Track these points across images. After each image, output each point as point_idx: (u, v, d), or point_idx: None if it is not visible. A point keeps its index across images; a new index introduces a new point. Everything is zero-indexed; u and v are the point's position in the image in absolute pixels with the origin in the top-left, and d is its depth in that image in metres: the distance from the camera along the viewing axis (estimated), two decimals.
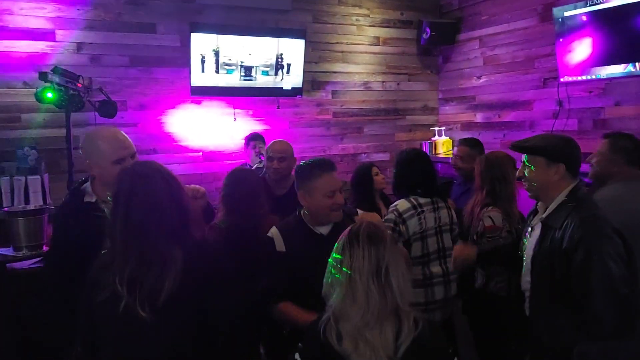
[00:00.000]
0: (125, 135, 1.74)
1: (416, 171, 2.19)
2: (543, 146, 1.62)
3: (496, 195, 2.24)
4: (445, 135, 4.37)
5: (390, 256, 1.19)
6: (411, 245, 2.09)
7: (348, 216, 1.76)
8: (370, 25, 4.26)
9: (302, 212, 1.74)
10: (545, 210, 1.64)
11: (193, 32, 3.44)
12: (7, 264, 2.57)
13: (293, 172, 2.02)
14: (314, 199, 1.65)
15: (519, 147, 1.68)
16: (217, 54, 3.51)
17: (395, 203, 2.14)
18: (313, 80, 4.06)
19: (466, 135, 4.33)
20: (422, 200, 2.14)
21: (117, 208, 1.24)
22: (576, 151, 1.63)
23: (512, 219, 2.23)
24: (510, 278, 2.13)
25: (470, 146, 2.94)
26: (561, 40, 3.42)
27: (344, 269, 1.18)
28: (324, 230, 1.71)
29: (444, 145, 4.30)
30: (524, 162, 1.68)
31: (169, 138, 3.62)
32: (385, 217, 2.13)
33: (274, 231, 1.70)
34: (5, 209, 2.79)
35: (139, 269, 1.20)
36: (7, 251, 2.65)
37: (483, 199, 2.26)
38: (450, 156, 4.31)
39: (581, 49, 3.33)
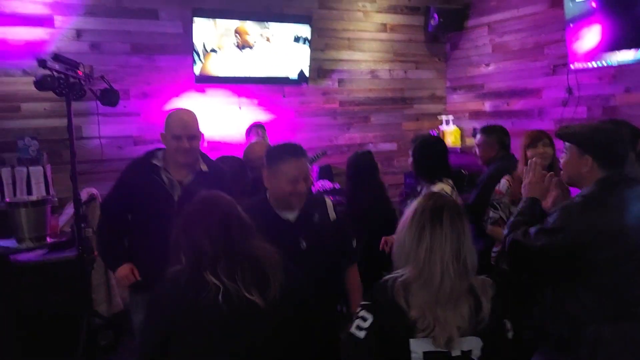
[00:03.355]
0: (194, 118, 1.96)
1: (438, 155, 2.22)
2: (576, 134, 1.56)
3: None
4: (453, 124, 4.31)
5: (467, 236, 1.20)
6: None
7: (314, 204, 1.74)
8: (377, 12, 4.17)
9: (267, 195, 1.70)
10: None
11: (196, 17, 3.35)
12: (10, 256, 2.52)
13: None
14: (277, 182, 1.62)
15: (559, 133, 1.63)
16: (218, 36, 3.43)
17: (440, 187, 2.14)
18: (319, 68, 3.98)
19: (474, 124, 4.28)
20: (451, 182, 2.19)
21: (199, 216, 1.29)
22: (613, 141, 1.52)
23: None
24: None
25: (486, 134, 2.76)
26: (571, 26, 3.36)
27: (423, 246, 1.18)
28: (291, 216, 1.67)
29: (451, 135, 4.24)
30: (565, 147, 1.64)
31: None
32: None
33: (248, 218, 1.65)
34: (7, 199, 2.72)
35: (233, 261, 1.23)
36: (10, 243, 2.59)
37: None
38: (459, 145, 4.28)
39: (591, 35, 3.27)
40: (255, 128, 3.41)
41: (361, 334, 1.17)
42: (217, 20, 3.42)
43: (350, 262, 1.81)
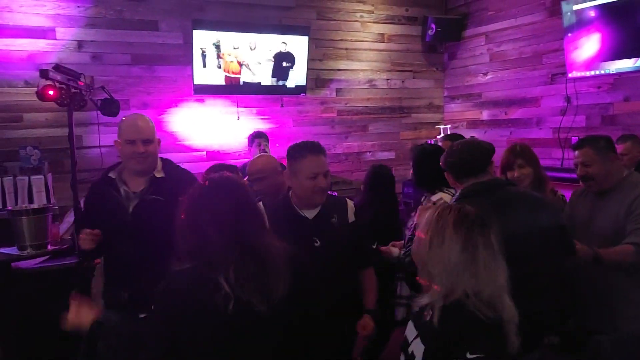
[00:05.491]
0: (148, 123, 1.89)
1: (438, 164, 2.14)
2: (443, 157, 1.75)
3: None
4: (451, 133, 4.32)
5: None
6: None
7: (335, 205, 1.76)
8: (374, 22, 4.22)
9: (290, 192, 1.74)
10: None
11: (195, 29, 3.40)
12: (12, 263, 2.55)
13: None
14: (297, 180, 1.66)
15: None
16: (218, 48, 3.47)
17: (439, 197, 2.07)
18: (317, 78, 4.02)
19: (472, 133, 4.29)
20: (453, 191, 2.09)
21: (207, 200, 1.17)
22: (461, 157, 1.66)
23: None
24: None
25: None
26: (570, 35, 3.37)
27: (480, 265, 1.13)
28: (309, 214, 1.69)
29: (449, 144, 4.24)
30: None
31: (172, 137, 3.58)
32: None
33: (259, 206, 1.59)
34: (9, 208, 2.76)
35: (243, 263, 1.12)
36: (12, 250, 2.62)
37: None
38: None
39: (590, 44, 3.28)
40: (258, 139, 3.43)
41: None
42: (217, 31, 3.48)
43: (365, 264, 1.81)
